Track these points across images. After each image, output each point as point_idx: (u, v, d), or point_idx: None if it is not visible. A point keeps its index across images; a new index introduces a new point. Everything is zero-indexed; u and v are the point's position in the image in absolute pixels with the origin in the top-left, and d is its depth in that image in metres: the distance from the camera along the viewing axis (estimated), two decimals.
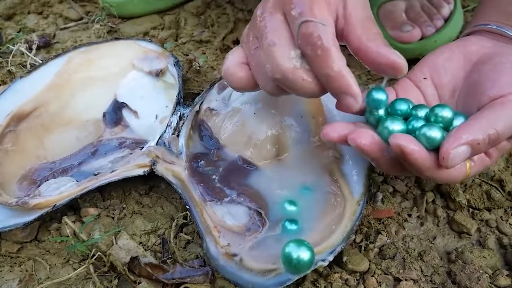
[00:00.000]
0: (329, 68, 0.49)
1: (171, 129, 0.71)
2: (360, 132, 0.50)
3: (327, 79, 0.49)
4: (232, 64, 0.55)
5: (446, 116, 0.52)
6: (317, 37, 0.48)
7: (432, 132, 0.49)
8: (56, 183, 0.67)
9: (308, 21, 0.49)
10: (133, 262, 0.59)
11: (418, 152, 0.47)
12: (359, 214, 0.60)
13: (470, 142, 0.47)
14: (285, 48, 0.51)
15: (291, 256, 0.52)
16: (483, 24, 0.61)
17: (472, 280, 0.58)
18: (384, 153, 0.50)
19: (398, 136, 0.47)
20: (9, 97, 0.74)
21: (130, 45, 0.82)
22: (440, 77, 0.59)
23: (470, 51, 0.58)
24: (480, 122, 0.48)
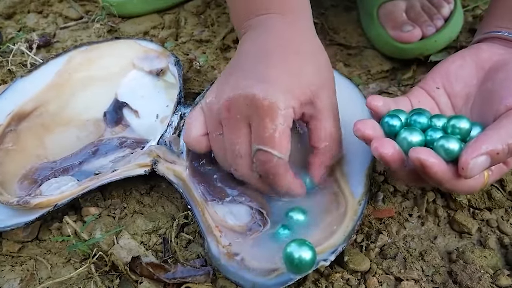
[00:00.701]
0: (279, 188, 0.60)
1: (172, 129, 0.71)
2: (383, 142, 0.51)
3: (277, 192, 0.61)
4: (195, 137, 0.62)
5: (464, 127, 0.53)
6: (271, 167, 0.57)
7: (450, 144, 0.49)
8: (57, 183, 0.67)
9: (265, 151, 0.56)
10: (134, 262, 0.59)
11: (437, 165, 0.48)
12: (360, 214, 0.60)
13: (489, 152, 0.47)
14: (249, 161, 0.59)
15: (293, 256, 0.53)
16: (494, 31, 0.61)
17: (473, 280, 0.59)
18: (404, 164, 0.51)
19: (418, 150, 0.48)
20: (10, 96, 0.74)
21: (130, 45, 0.82)
22: (452, 85, 0.59)
23: (482, 59, 0.59)
24: (498, 132, 0.49)
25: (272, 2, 0.63)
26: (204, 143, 0.62)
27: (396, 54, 0.89)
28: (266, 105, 0.55)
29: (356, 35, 0.96)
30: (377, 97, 0.59)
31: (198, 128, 0.62)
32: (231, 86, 0.59)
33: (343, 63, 0.91)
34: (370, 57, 0.91)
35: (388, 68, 0.90)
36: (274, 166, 0.57)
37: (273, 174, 0.57)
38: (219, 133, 0.60)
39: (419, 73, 0.88)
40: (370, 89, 0.86)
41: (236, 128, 0.58)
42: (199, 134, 0.62)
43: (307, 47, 0.63)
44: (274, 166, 0.57)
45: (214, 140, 0.61)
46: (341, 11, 1.02)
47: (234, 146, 0.58)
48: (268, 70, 0.58)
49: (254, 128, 0.57)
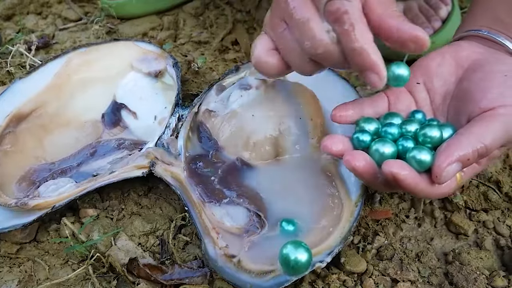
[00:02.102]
0: (355, 44, 0.49)
1: (169, 130, 0.71)
2: (354, 154, 0.51)
3: (353, 54, 0.49)
4: (262, 52, 0.55)
5: (435, 136, 0.53)
6: (343, 12, 0.48)
7: (422, 155, 0.50)
8: (55, 184, 0.67)
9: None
10: (132, 263, 0.59)
11: (411, 178, 0.48)
12: (357, 215, 0.60)
13: (460, 159, 0.48)
14: (320, 22, 0.51)
15: (289, 257, 0.53)
16: (474, 29, 0.61)
17: (469, 281, 0.59)
18: (377, 175, 0.51)
19: (391, 163, 0.48)
20: (8, 98, 0.75)
21: (129, 46, 0.82)
22: (433, 81, 0.59)
23: (461, 57, 0.59)
24: (468, 137, 0.49)
25: None
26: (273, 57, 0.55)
27: (393, 56, 0.89)
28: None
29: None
30: (343, 107, 0.57)
31: (264, 43, 0.55)
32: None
33: None
34: None
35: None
36: (347, 11, 0.48)
37: (349, 23, 0.48)
38: (283, 29, 0.53)
39: None
40: (368, 90, 0.86)
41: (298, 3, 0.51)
42: (267, 48, 0.55)
43: None
44: (347, 11, 0.48)
45: (280, 39, 0.54)
46: None
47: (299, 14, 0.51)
48: None
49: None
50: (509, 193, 0.69)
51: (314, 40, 0.51)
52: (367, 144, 0.54)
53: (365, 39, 0.49)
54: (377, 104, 0.59)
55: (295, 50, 0.53)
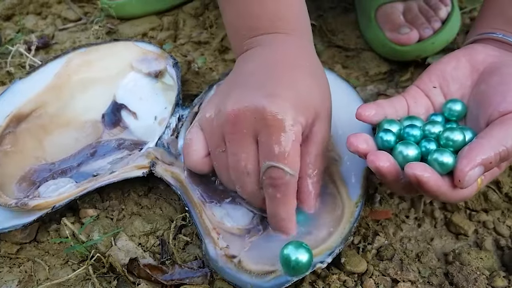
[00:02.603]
0: (282, 212, 0.57)
1: (170, 131, 0.71)
2: (378, 155, 0.52)
3: (275, 218, 0.58)
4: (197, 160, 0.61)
5: (457, 140, 0.53)
6: (282, 184, 0.55)
7: (444, 157, 0.50)
8: (55, 184, 0.67)
9: (278, 168, 0.54)
10: (132, 263, 0.59)
11: (433, 180, 0.48)
12: (357, 216, 0.60)
13: (483, 162, 0.48)
14: (256, 178, 0.57)
15: (290, 258, 0.53)
16: (489, 32, 0.61)
17: (469, 281, 0.59)
18: (399, 177, 0.52)
19: (413, 166, 0.49)
20: (8, 98, 0.75)
21: (129, 47, 0.82)
22: (449, 85, 0.60)
23: (477, 60, 0.59)
24: (490, 141, 0.50)
25: (279, 21, 0.62)
26: (208, 165, 0.61)
27: (393, 56, 0.89)
28: (277, 119, 0.53)
29: (354, 37, 0.96)
30: (368, 107, 0.58)
31: (199, 149, 0.60)
32: (235, 99, 0.56)
33: (341, 65, 0.91)
34: (368, 59, 0.92)
35: (386, 70, 0.90)
36: (285, 183, 0.54)
37: (283, 193, 0.55)
38: (221, 150, 0.58)
39: (416, 75, 0.88)
40: (368, 91, 0.86)
41: (242, 143, 0.56)
42: (202, 156, 0.60)
43: (313, 70, 0.62)
44: (286, 183, 0.54)
45: (216, 157, 0.59)
46: (339, 13, 1.02)
47: (239, 163, 0.56)
48: (277, 86, 0.56)
49: (264, 144, 0.55)
50: (509, 193, 0.69)
51: (244, 190, 0.59)
52: (391, 145, 0.55)
53: (291, 210, 0.57)
54: (397, 106, 0.60)
55: (226, 175, 0.60)
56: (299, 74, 0.59)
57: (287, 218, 0.57)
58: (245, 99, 0.55)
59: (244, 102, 0.55)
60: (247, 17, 0.63)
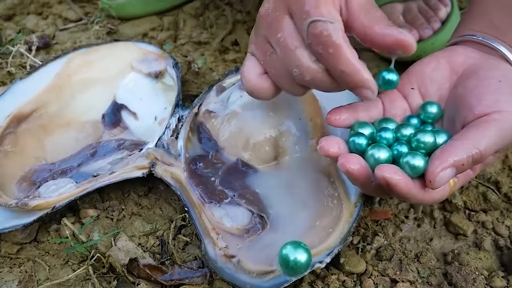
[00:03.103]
0: (343, 65, 0.49)
1: (170, 131, 0.71)
2: (349, 157, 0.52)
3: (342, 76, 0.50)
4: (253, 78, 0.56)
5: (429, 142, 0.53)
6: (327, 35, 0.49)
7: (415, 160, 0.50)
8: (56, 185, 0.67)
9: (316, 20, 0.49)
10: (132, 264, 0.60)
11: (403, 183, 0.48)
12: (356, 216, 0.60)
13: (455, 164, 0.48)
14: (306, 50, 0.51)
15: (288, 258, 0.53)
16: (469, 34, 0.61)
17: (468, 281, 0.59)
18: (370, 179, 0.51)
19: (383, 168, 0.48)
20: (9, 98, 0.75)
21: (129, 47, 0.82)
22: (427, 87, 0.59)
23: (456, 62, 0.58)
24: (463, 143, 0.49)
25: None
26: (266, 81, 0.56)
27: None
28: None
29: (353, 37, 0.96)
30: (338, 111, 0.58)
31: (253, 68, 0.56)
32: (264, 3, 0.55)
33: None
34: (368, 59, 0.92)
35: None
36: (330, 34, 0.49)
37: (333, 45, 0.49)
38: (270, 53, 0.54)
39: None
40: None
41: (279, 24, 0.52)
42: (258, 73, 0.56)
43: None
44: (331, 34, 0.49)
45: (269, 63, 0.55)
46: None
47: (286, 43, 0.52)
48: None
49: (296, 12, 0.51)
50: (508, 193, 0.69)
51: (301, 68, 0.52)
52: (363, 148, 0.54)
53: (352, 59, 0.49)
54: (372, 109, 0.59)
55: (285, 75, 0.54)
56: None
57: (355, 70, 0.50)
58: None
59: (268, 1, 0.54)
60: None
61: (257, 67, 0.56)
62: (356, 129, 0.57)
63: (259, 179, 0.66)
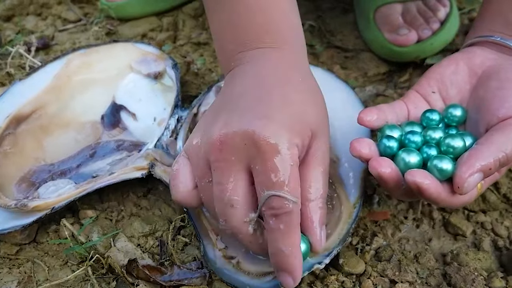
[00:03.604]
0: (285, 246, 0.49)
1: (169, 132, 0.71)
2: (380, 161, 0.52)
3: (277, 253, 0.50)
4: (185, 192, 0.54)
5: (458, 146, 0.53)
6: (285, 214, 0.48)
7: (443, 164, 0.51)
8: (55, 186, 0.67)
9: (281, 197, 0.48)
10: (131, 264, 0.60)
11: (433, 187, 0.49)
12: (355, 217, 0.60)
13: (482, 169, 0.48)
14: (243, 211, 0.50)
15: None
16: (487, 35, 0.61)
17: (467, 282, 0.59)
18: (401, 183, 0.52)
19: (413, 173, 0.49)
20: (8, 99, 0.75)
21: (128, 48, 0.82)
22: (447, 90, 0.60)
23: (475, 64, 0.59)
24: (489, 147, 0.50)
25: (267, 34, 0.57)
26: (197, 198, 0.54)
27: (392, 57, 0.89)
28: (270, 144, 0.48)
29: (353, 38, 0.97)
30: (369, 112, 0.58)
31: (186, 181, 0.54)
32: (222, 124, 0.51)
33: (339, 65, 0.91)
34: (367, 60, 0.92)
35: (385, 70, 0.90)
36: (288, 212, 0.48)
37: (286, 224, 0.49)
38: (208, 181, 0.52)
39: (415, 76, 0.88)
40: (366, 92, 0.86)
41: (228, 172, 0.50)
42: (190, 188, 0.54)
43: (306, 85, 0.57)
44: (289, 212, 0.48)
45: (203, 189, 0.53)
46: (338, 13, 1.02)
47: (223, 194, 0.50)
48: (268, 107, 0.51)
49: (259, 172, 0.49)
50: (507, 194, 0.69)
51: (228, 224, 0.51)
52: (393, 151, 0.55)
53: (295, 244, 0.49)
54: (397, 111, 0.60)
55: (213, 210, 0.53)
56: (291, 91, 0.54)
57: (292, 254, 0.49)
58: (233, 124, 0.50)
59: (232, 126, 0.50)
60: (233, 30, 0.58)
61: (189, 181, 0.54)
62: (386, 131, 0.57)
63: None
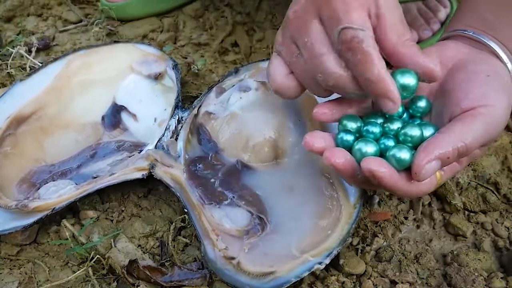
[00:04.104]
0: (370, 73, 0.49)
1: (169, 133, 0.71)
2: (334, 151, 0.52)
3: (368, 83, 0.50)
4: (279, 78, 0.57)
5: (415, 135, 0.53)
6: (357, 42, 0.49)
7: (401, 153, 0.50)
8: (55, 186, 0.67)
9: (348, 27, 0.49)
10: (131, 265, 0.60)
11: (389, 175, 0.49)
12: (356, 217, 0.60)
13: (440, 157, 0.48)
14: (333, 56, 0.52)
15: None
16: (460, 29, 0.61)
17: (467, 282, 0.59)
18: (356, 173, 0.52)
19: (369, 160, 0.49)
20: (9, 100, 0.75)
21: (129, 49, 0.82)
22: None
23: (447, 56, 0.59)
24: (449, 136, 0.50)
25: None
26: (293, 82, 0.56)
27: None
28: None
29: None
30: (324, 105, 0.57)
31: (279, 68, 0.57)
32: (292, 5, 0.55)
33: None
34: None
35: None
36: (360, 41, 0.49)
37: (362, 52, 0.49)
38: (297, 54, 0.55)
39: None
40: None
41: (308, 28, 0.52)
42: (285, 73, 0.57)
43: None
44: (361, 41, 0.49)
45: (295, 65, 0.56)
46: None
47: (313, 48, 0.52)
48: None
49: (327, 17, 0.51)
50: (507, 194, 0.69)
51: (325, 73, 0.52)
52: (350, 144, 0.54)
53: (379, 68, 0.49)
54: (360, 103, 0.59)
55: (310, 77, 0.54)
56: None
57: (380, 79, 0.49)
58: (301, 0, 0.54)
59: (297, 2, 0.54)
60: None
61: (283, 67, 0.57)
62: (344, 122, 0.56)
63: (259, 181, 0.67)
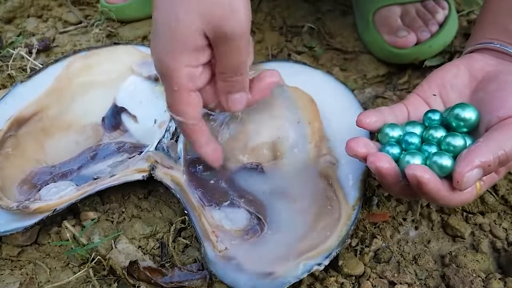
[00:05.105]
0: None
1: (169, 134, 0.71)
2: (379, 156, 0.53)
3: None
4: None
5: (459, 145, 0.54)
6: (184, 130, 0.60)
7: (443, 160, 0.51)
8: (56, 187, 0.68)
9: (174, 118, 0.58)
10: (132, 266, 0.60)
11: (433, 182, 0.49)
12: (354, 218, 0.61)
13: (482, 165, 0.49)
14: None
15: None
16: (486, 42, 0.62)
17: (465, 283, 0.59)
18: (399, 179, 0.52)
19: (414, 167, 0.50)
20: (10, 101, 0.75)
21: (129, 50, 0.83)
22: (448, 94, 0.60)
23: (475, 68, 0.60)
24: (489, 144, 0.50)
25: None
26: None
27: (391, 59, 0.90)
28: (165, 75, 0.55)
29: (352, 40, 0.97)
30: (369, 114, 0.59)
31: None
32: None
33: (339, 67, 0.92)
34: (366, 62, 0.92)
35: (384, 72, 0.91)
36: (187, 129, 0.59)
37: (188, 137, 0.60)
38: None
39: (414, 78, 0.89)
40: (366, 94, 0.87)
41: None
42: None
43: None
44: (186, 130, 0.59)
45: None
46: (337, 16, 1.03)
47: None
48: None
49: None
50: (505, 196, 0.70)
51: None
52: (396, 157, 0.55)
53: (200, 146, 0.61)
54: (397, 113, 0.60)
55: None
56: None
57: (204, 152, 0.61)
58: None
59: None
60: None
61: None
62: (385, 130, 0.57)
63: (258, 182, 0.67)
